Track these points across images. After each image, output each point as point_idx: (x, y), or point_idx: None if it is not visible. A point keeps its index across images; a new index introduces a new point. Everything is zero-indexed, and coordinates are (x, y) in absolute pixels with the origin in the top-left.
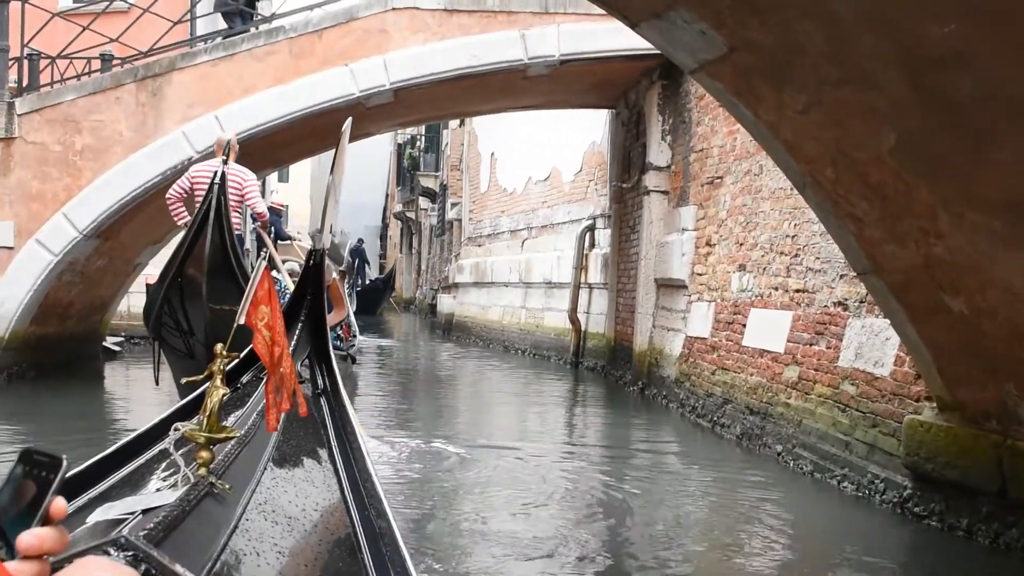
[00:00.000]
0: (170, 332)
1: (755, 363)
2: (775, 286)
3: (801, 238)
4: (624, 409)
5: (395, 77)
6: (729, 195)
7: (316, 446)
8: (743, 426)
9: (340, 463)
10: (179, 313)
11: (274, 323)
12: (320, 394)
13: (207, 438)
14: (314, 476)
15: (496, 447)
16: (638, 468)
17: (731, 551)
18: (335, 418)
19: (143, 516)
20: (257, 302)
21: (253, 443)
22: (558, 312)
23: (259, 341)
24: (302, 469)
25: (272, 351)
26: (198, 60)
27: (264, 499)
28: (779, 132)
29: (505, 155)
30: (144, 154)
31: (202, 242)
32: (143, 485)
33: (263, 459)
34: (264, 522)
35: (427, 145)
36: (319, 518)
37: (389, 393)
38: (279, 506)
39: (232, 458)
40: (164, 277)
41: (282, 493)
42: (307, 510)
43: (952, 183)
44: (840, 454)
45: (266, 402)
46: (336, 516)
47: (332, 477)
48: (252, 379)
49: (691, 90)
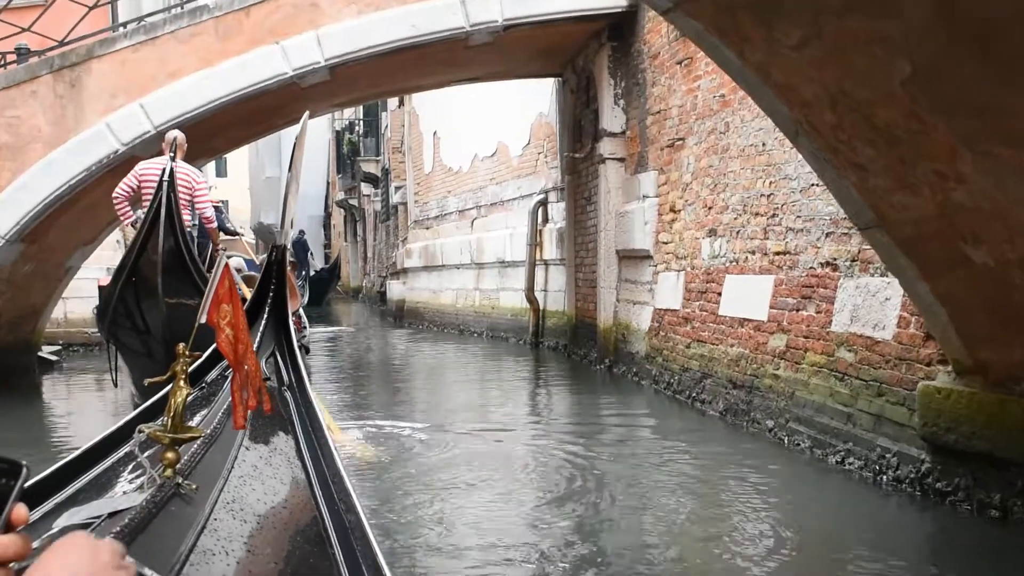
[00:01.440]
0: (126, 332)
1: (735, 333)
2: (751, 250)
3: (778, 196)
4: (592, 388)
5: (330, 53)
6: (693, 157)
7: (283, 442)
8: (726, 401)
9: (308, 458)
10: (135, 312)
11: (237, 321)
12: (286, 389)
13: (172, 439)
14: (282, 473)
15: (462, 432)
16: (615, 449)
17: (726, 540)
18: (301, 413)
19: (109, 519)
20: (218, 300)
21: (219, 442)
22: (514, 292)
23: (222, 339)
24: (269, 466)
25: (236, 349)
26: (117, 46)
27: (232, 498)
28: (769, 74)
29: (448, 133)
30: (66, 150)
31: (155, 240)
32: (109, 488)
33: (230, 458)
34: (232, 521)
35: (366, 130)
36: (288, 515)
37: (345, 382)
38: (247, 504)
39: (198, 458)
40: (118, 277)
41: (250, 491)
42: (276, 507)
43: (978, 118)
44: (842, 427)
45: (232, 400)
46: (305, 512)
47: (300, 473)
48: (216, 378)
49: (643, 50)
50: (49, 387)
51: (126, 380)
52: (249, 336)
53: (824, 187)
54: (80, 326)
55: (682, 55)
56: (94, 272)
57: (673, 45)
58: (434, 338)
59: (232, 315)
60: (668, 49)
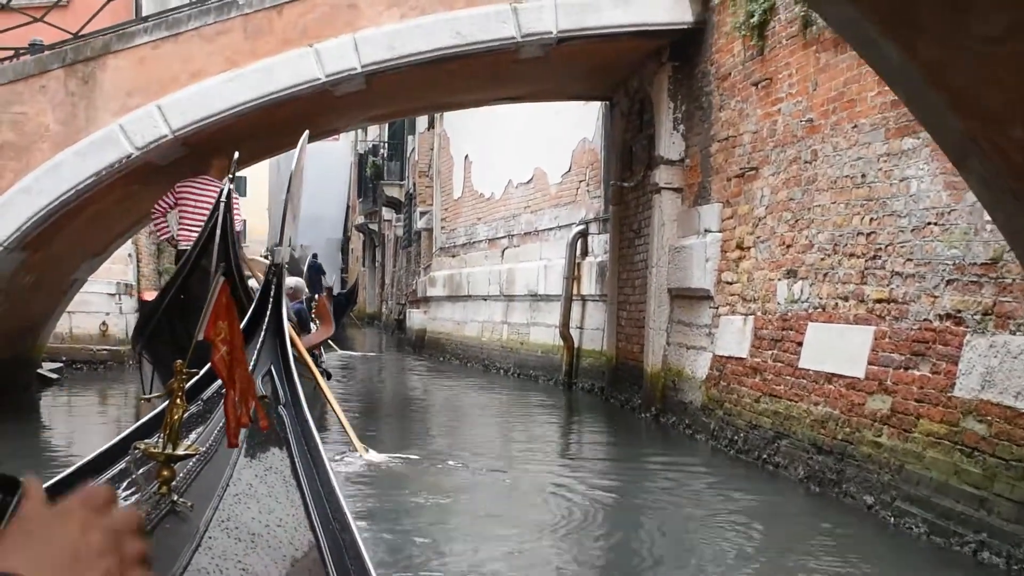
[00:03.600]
0: (166, 348)
1: (820, 390)
2: (843, 295)
3: (881, 235)
4: (636, 438)
5: (367, 59)
6: (768, 188)
7: (279, 460)
8: (809, 467)
9: (303, 477)
10: (179, 329)
11: (232, 338)
12: (282, 407)
13: (167, 456)
14: (277, 491)
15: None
16: (668, 513)
17: None
18: (297, 431)
19: None
20: (215, 317)
21: (215, 460)
22: (546, 327)
23: (218, 357)
24: (265, 484)
25: (231, 366)
26: (136, 41)
27: (227, 516)
28: (942, 76)
29: (481, 158)
30: (75, 151)
31: (207, 260)
32: None
33: (225, 475)
34: (227, 539)
35: (391, 153)
36: (283, 533)
37: (362, 413)
38: (242, 522)
39: (194, 475)
40: (165, 293)
41: (245, 509)
42: (270, 525)
43: None
44: (972, 513)
45: (226, 418)
46: (300, 531)
47: (295, 491)
48: (214, 395)
49: (710, 70)
50: (47, 405)
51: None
52: (244, 353)
53: (945, 227)
54: (86, 342)
55: (759, 75)
56: (102, 286)
57: (748, 65)
58: (456, 372)
59: (228, 332)
60: (741, 69)
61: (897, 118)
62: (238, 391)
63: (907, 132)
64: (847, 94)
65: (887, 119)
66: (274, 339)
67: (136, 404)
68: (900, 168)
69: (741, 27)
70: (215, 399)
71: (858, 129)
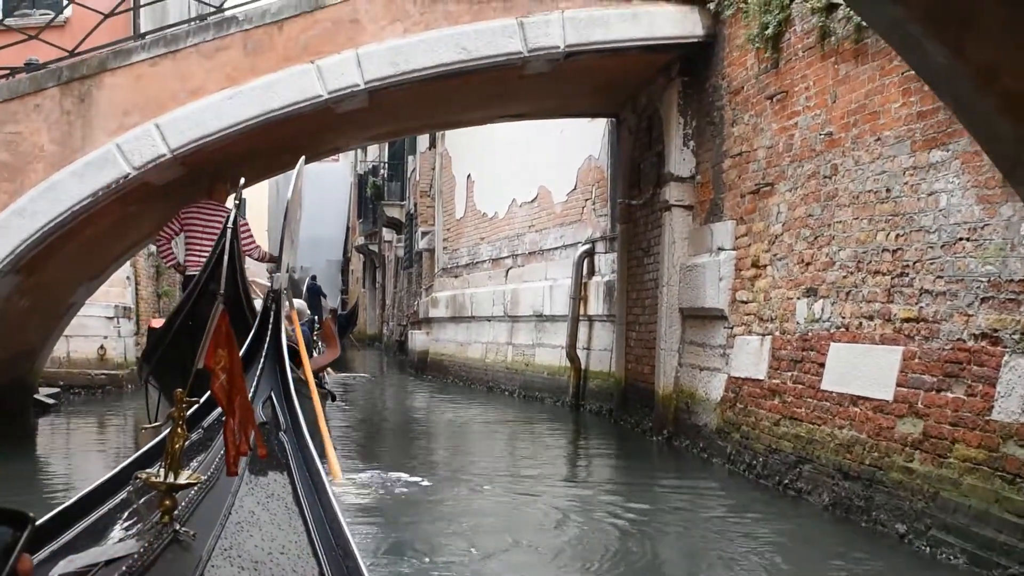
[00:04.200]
0: (174, 375)
1: (844, 413)
2: (868, 314)
3: (909, 252)
4: (649, 462)
5: (370, 75)
6: (785, 205)
7: (280, 488)
8: (834, 493)
9: (305, 503)
10: (188, 355)
11: (231, 366)
12: (283, 433)
13: (169, 485)
14: (279, 518)
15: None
16: (690, 537)
17: None
18: (298, 457)
19: (106, 567)
20: (215, 345)
21: (217, 488)
22: (552, 348)
23: (217, 385)
24: (267, 512)
25: (230, 394)
26: (133, 59)
27: (229, 544)
28: (995, 78)
29: (484, 177)
30: (71, 172)
31: (217, 285)
32: (106, 535)
33: (227, 503)
34: (230, 567)
35: (391, 173)
36: (286, 561)
37: (365, 436)
38: (244, 551)
39: (195, 504)
40: (173, 320)
41: (247, 537)
42: (273, 553)
43: None
44: (1016, 544)
45: (225, 447)
46: (303, 558)
47: (297, 518)
48: (214, 423)
49: (721, 85)
50: (45, 433)
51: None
52: (244, 381)
53: (978, 242)
54: (83, 367)
55: (774, 89)
56: (100, 310)
57: (762, 78)
58: (460, 394)
59: (227, 360)
60: (755, 83)
61: (924, 130)
62: (237, 419)
63: (935, 144)
64: (869, 106)
65: (913, 131)
66: (274, 365)
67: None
68: (928, 182)
69: (755, 39)
70: (216, 427)
71: (881, 142)
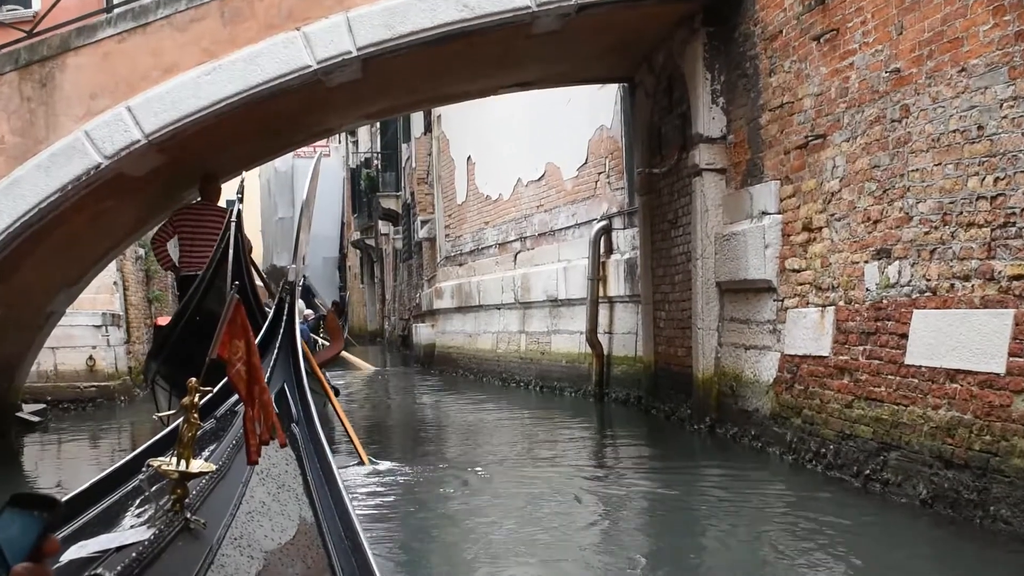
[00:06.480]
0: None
1: (941, 390)
2: (962, 274)
3: (1013, 198)
4: (692, 454)
5: (363, 41)
6: (842, 157)
7: (292, 479)
8: (933, 485)
9: (316, 494)
10: (196, 351)
11: (250, 357)
12: (295, 424)
13: (181, 474)
14: (289, 509)
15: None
16: (755, 539)
17: None
18: (310, 449)
19: (117, 554)
20: (230, 336)
21: (228, 477)
22: (569, 335)
23: (234, 373)
24: (277, 502)
25: (249, 383)
26: (99, 35)
27: (239, 534)
28: None
29: (485, 158)
30: (35, 165)
31: (221, 279)
32: (117, 522)
33: (238, 493)
34: (240, 557)
35: (384, 164)
36: (295, 551)
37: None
38: (255, 540)
39: (207, 493)
40: (180, 316)
41: (257, 527)
42: (283, 544)
43: None
44: None
45: (246, 435)
46: (312, 550)
47: (308, 509)
48: (227, 413)
49: (754, 31)
50: (29, 453)
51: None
52: (263, 372)
53: None
54: (72, 379)
55: (820, 28)
56: (87, 318)
57: (804, 18)
58: (472, 387)
59: (245, 351)
60: (796, 24)
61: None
62: (257, 408)
63: None
64: (947, 33)
65: (1010, 55)
66: (287, 356)
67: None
68: None
69: None
70: (228, 417)
71: (967, 72)
